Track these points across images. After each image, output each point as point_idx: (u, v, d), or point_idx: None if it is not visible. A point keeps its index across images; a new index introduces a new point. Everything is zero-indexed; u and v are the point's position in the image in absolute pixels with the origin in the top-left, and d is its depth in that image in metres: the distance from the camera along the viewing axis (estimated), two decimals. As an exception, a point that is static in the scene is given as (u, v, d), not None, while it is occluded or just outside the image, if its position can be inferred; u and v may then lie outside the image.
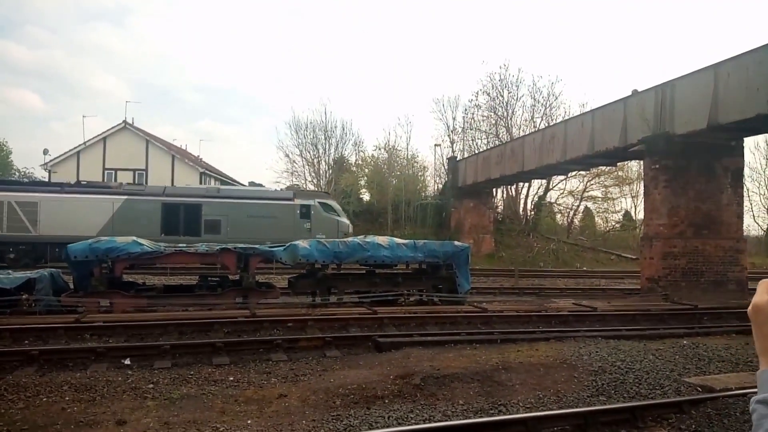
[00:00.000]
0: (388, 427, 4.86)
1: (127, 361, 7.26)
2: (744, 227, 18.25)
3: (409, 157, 44.02)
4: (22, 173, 47.34)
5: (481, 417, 5.21)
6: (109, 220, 20.93)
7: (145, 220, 20.95)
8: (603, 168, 31.40)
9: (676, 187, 15.52)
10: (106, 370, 6.85)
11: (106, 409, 5.47)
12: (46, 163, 34.16)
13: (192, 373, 6.80)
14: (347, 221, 24.30)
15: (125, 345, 7.94)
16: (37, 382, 6.18)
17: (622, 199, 39.58)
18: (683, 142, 15.12)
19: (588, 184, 38.10)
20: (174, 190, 23.20)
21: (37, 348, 7.47)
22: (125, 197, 21.44)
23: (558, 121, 28.63)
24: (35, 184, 23.64)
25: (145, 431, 4.80)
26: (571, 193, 37.85)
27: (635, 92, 16.85)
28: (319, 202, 23.53)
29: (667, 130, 15.25)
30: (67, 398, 5.79)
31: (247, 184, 40.23)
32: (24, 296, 10.29)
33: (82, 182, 24.48)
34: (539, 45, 69.93)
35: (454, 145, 40.69)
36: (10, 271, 11.62)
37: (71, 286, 11.52)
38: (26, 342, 8.07)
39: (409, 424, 4.95)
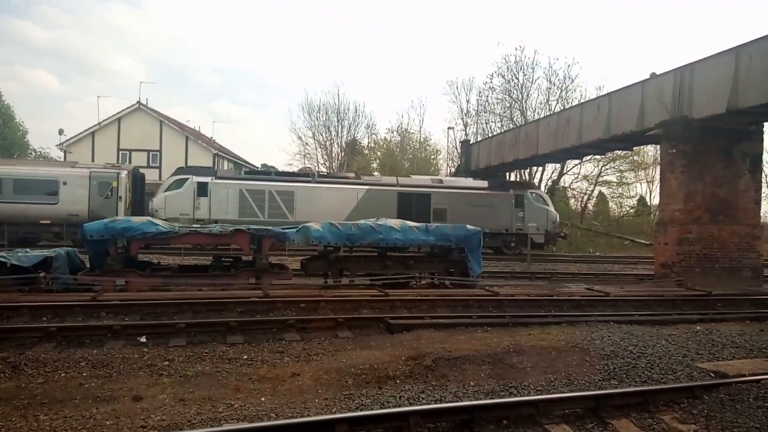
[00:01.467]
0: (400, 407, 4.90)
1: (143, 339, 7.37)
2: (761, 213, 17.99)
3: (422, 140, 43.91)
4: (39, 153, 47.86)
5: (492, 398, 5.24)
6: (353, 208, 23.12)
7: (383, 208, 22.67)
8: (618, 152, 31.06)
9: (693, 172, 15.31)
10: (122, 347, 6.97)
11: (123, 385, 5.58)
12: (61, 143, 34.50)
13: (206, 351, 6.90)
14: (555, 212, 26.08)
15: (141, 323, 8.05)
16: (55, 358, 6.31)
17: (637, 184, 39.28)
18: (701, 126, 14.88)
19: (603, 168, 37.79)
20: (406, 181, 25.25)
21: (55, 325, 7.62)
22: (367, 187, 23.87)
23: (574, 104, 28.28)
24: (290, 175, 25.87)
25: (161, 407, 4.88)
26: (585, 177, 37.62)
27: (653, 75, 16.56)
28: (531, 193, 25.49)
29: (685, 114, 15.00)
30: (84, 374, 5.91)
31: (260, 167, 40.41)
32: (41, 274, 10.46)
33: (327, 173, 28.22)
34: (556, 26, 68.90)
35: (468, 128, 40.52)
36: (27, 249, 11.80)
37: (87, 265, 11.68)
38: (44, 319, 8.23)
39: (424, 404, 4.99)
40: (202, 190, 22.28)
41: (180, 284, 11.00)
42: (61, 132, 35.17)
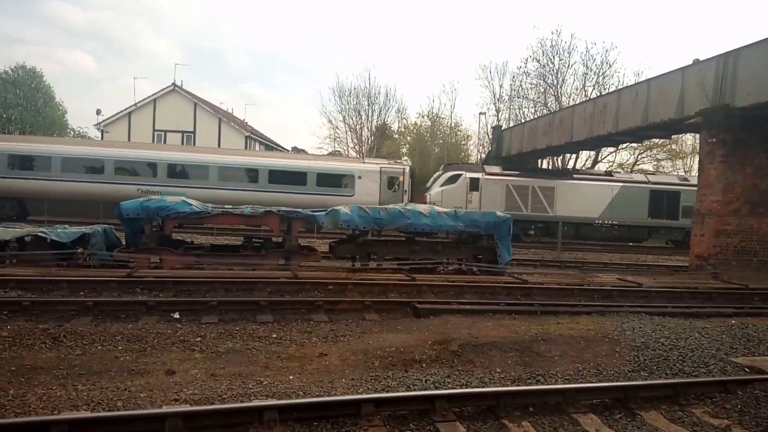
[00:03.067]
0: (426, 390, 4.93)
1: (176, 315, 7.55)
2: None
3: (453, 125, 43.47)
4: (77, 132, 49.13)
5: (518, 386, 5.23)
6: (608, 204, 24.52)
7: (635, 204, 24.21)
8: (656, 141, 30.28)
9: (733, 162, 14.83)
10: (156, 323, 7.16)
11: (156, 359, 5.75)
12: (98, 123, 35.31)
13: (237, 328, 7.05)
14: None
15: (174, 299, 8.26)
16: (92, 331, 6.53)
17: (674, 173, 38.15)
18: (744, 115, 14.37)
19: (639, 157, 36.89)
20: (655, 179, 26.51)
21: (92, 299, 7.85)
22: (621, 184, 25.02)
23: (611, 90, 27.58)
24: (550, 172, 27.82)
25: (193, 381, 5.02)
26: (620, 165, 36.72)
27: (696, 62, 16.02)
28: None
29: (727, 103, 14.49)
30: (120, 347, 6.10)
31: (290, 150, 40.62)
32: (79, 250, 10.80)
33: (581, 170, 30.01)
34: (594, 10, 67.05)
35: (500, 113, 39.91)
36: (66, 225, 12.19)
37: (123, 242, 12.00)
38: (82, 293, 8.50)
39: (449, 388, 5.00)
40: (474, 185, 24.64)
41: (212, 263, 11.22)
42: (98, 112, 36.03)
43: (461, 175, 24.84)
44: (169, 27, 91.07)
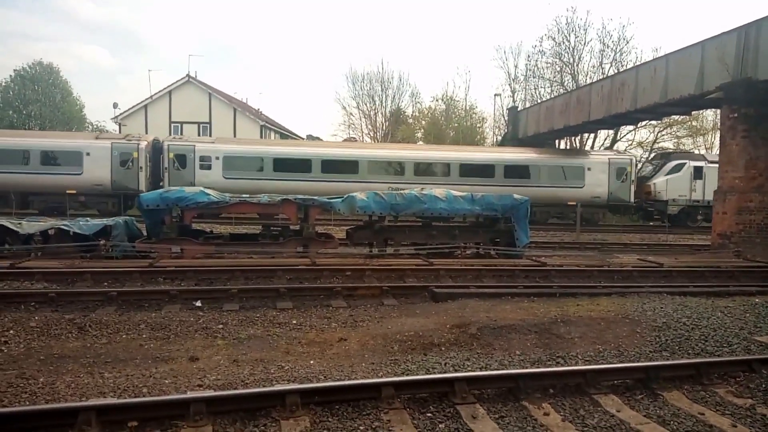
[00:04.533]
0: (445, 373, 4.95)
1: (198, 303, 7.67)
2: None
3: (468, 108, 43.15)
4: (95, 126, 49.74)
5: (538, 367, 5.22)
6: None
7: None
8: (675, 118, 29.65)
9: (755, 137, 14.49)
10: (178, 311, 7.28)
11: (180, 347, 5.85)
12: (116, 116, 35.67)
13: (258, 315, 7.14)
14: None
15: (196, 288, 8.39)
16: (116, 320, 6.67)
17: (695, 150, 37.40)
18: (766, 88, 14.00)
19: (659, 134, 36.18)
20: None
21: (116, 289, 8.00)
22: None
23: (628, 67, 27.05)
24: None
25: (216, 368, 5.11)
26: (640, 144, 36.10)
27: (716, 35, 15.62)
28: None
29: (749, 76, 14.14)
30: (144, 335, 6.23)
31: (305, 138, 40.66)
32: (102, 242, 10.99)
33: None
34: (610, -14, 65.36)
35: (515, 94, 39.46)
36: (88, 218, 12.40)
37: (144, 233, 12.18)
38: (105, 284, 8.67)
39: (469, 371, 5.02)
40: (698, 173, 25.36)
41: (231, 252, 11.35)
42: (115, 105, 36.38)
43: (685, 164, 25.80)
44: (182, 18, 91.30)
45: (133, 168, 22.33)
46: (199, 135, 34.15)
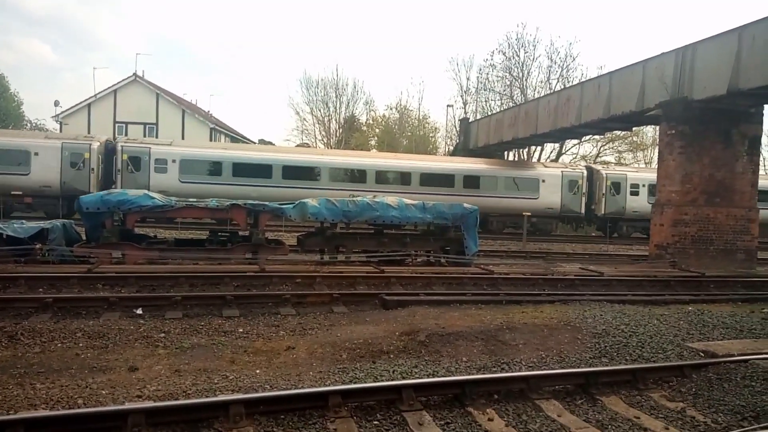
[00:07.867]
0: (393, 380, 4.96)
1: (139, 311, 7.41)
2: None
3: (421, 117, 43.65)
4: (34, 125, 47.47)
5: (483, 374, 5.31)
6: None
7: None
8: (618, 133, 30.96)
9: (691, 153, 15.29)
10: (118, 319, 7.01)
11: (119, 356, 5.63)
12: (57, 115, 34.16)
13: (202, 324, 6.96)
14: None
15: (137, 295, 8.10)
16: (51, 329, 6.35)
17: (635, 165, 39.15)
18: (701, 107, 14.81)
19: (602, 148, 37.71)
20: None
21: (51, 296, 7.65)
22: None
23: (574, 83, 28.06)
24: None
25: (157, 378, 4.94)
26: (584, 157, 37.50)
27: (656, 56, 16.42)
28: None
29: (685, 95, 14.92)
30: (80, 344, 5.96)
31: (257, 142, 40.07)
32: (38, 246, 10.47)
33: None
34: (559, 3, 67.89)
35: (467, 106, 40.25)
36: (23, 220, 11.79)
37: (83, 237, 11.68)
38: (41, 290, 8.26)
39: (417, 378, 5.05)
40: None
41: (176, 258, 11.03)
42: (56, 103, 34.90)
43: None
44: (131, 15, 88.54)
45: (84, 169, 21.39)
46: (145, 136, 33.15)
